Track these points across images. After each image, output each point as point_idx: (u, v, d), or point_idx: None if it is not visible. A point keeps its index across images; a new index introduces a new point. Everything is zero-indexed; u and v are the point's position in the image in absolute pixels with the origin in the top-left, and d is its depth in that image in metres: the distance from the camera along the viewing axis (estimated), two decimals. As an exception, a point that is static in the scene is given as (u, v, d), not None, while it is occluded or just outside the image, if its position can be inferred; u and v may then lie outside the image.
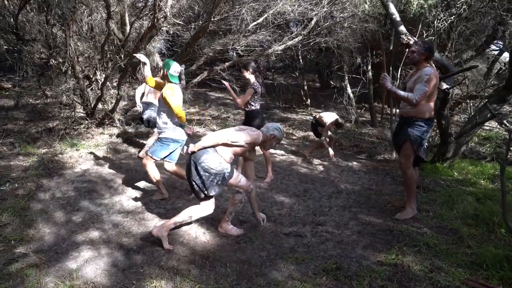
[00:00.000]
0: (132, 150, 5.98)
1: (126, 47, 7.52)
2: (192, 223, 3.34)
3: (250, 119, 4.54)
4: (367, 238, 3.15)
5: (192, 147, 2.86)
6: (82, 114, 7.69)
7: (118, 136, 6.74)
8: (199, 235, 3.13)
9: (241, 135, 2.88)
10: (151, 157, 3.76)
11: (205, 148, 2.82)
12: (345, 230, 3.29)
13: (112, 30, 7.64)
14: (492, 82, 8.55)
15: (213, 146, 2.84)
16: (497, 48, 10.07)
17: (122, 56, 7.39)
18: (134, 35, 8.71)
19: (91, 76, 7.27)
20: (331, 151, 5.82)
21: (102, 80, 6.93)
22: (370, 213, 3.68)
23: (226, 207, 3.49)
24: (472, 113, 7.54)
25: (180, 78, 4.17)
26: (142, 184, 4.40)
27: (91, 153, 5.59)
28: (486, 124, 8.20)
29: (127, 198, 3.93)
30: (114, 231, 3.16)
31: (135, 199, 3.92)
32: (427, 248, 2.90)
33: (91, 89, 7.33)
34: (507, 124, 7.13)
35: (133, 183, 4.41)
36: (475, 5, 7.35)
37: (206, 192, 2.86)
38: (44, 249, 2.85)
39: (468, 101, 8.42)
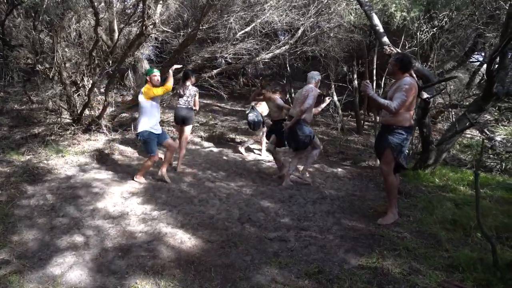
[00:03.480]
0: (118, 156, 5.96)
1: (114, 53, 7.55)
2: (178, 230, 3.37)
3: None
4: (349, 242, 3.22)
5: (288, 124, 4.68)
6: (68, 120, 7.64)
7: (104, 142, 6.71)
8: (185, 241, 3.16)
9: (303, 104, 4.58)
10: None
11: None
12: (328, 235, 3.36)
13: (100, 36, 7.67)
14: (474, 92, 8.84)
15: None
16: (478, 60, 10.42)
17: (110, 62, 7.41)
18: (123, 41, 8.75)
19: (79, 82, 7.25)
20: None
21: (89, 86, 6.93)
22: (353, 218, 3.77)
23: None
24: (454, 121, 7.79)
25: None
26: (127, 190, 4.40)
27: (77, 159, 5.56)
28: (468, 132, 8.46)
29: (112, 204, 3.93)
30: (99, 237, 3.17)
31: (121, 204, 3.93)
32: (407, 252, 2.99)
33: (78, 95, 7.30)
34: (487, 132, 7.37)
35: (119, 189, 4.41)
36: (456, 18, 7.63)
37: (303, 147, 4.75)
38: (27, 256, 2.84)
39: (450, 110, 8.69)
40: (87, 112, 7.51)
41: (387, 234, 3.33)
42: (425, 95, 4.73)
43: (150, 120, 4.49)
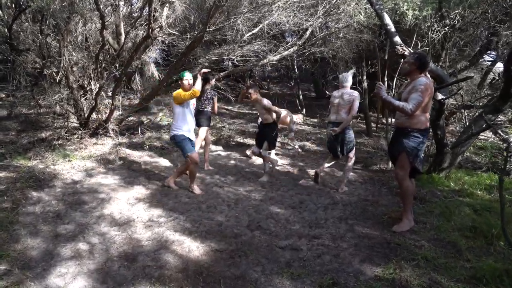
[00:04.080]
0: (125, 161, 5.89)
1: (120, 57, 7.50)
2: (186, 237, 3.26)
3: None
4: (364, 251, 3.08)
5: (337, 130, 4.59)
6: (75, 124, 7.62)
7: (111, 147, 6.65)
8: (193, 249, 3.05)
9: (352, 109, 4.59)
10: None
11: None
12: (341, 243, 3.22)
13: (107, 40, 7.63)
14: (486, 92, 8.61)
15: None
16: (491, 59, 10.17)
17: (117, 65, 7.37)
18: (130, 45, 8.71)
19: (86, 86, 7.22)
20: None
21: (96, 90, 6.89)
22: (367, 225, 3.62)
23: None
24: (467, 123, 7.58)
25: None
26: (133, 195, 4.31)
27: (83, 164, 5.50)
28: (481, 134, 8.22)
29: (119, 210, 3.84)
30: (104, 245, 3.07)
31: (127, 211, 3.83)
32: (425, 262, 2.84)
33: (86, 99, 7.27)
34: (502, 134, 7.15)
35: (125, 194, 4.33)
36: (468, 16, 7.44)
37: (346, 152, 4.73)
38: (30, 266, 2.75)
39: (463, 111, 8.48)
40: (94, 116, 7.48)
41: (403, 243, 3.18)
42: (439, 96, 4.56)
43: (182, 125, 4.38)
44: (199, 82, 4.29)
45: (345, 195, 4.60)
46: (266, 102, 5.06)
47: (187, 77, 4.41)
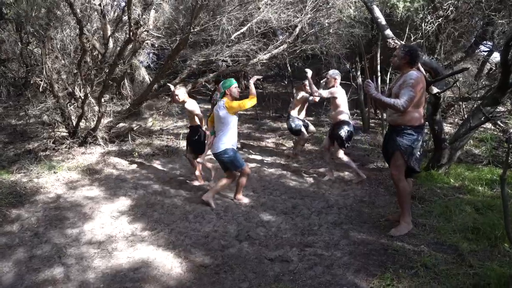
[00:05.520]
0: (113, 170, 5.68)
1: (106, 62, 7.30)
2: (169, 253, 3.06)
3: None
4: (359, 259, 2.88)
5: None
6: (64, 134, 7.42)
7: (99, 155, 6.45)
8: (175, 266, 2.85)
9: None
10: None
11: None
12: (335, 251, 3.02)
13: (92, 45, 7.42)
14: (483, 83, 8.40)
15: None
16: (487, 49, 9.96)
17: (105, 71, 7.16)
18: (119, 49, 8.51)
19: (73, 94, 7.01)
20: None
21: (83, 97, 6.69)
22: (363, 230, 3.42)
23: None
24: (465, 115, 7.37)
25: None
26: (118, 208, 4.11)
27: (69, 176, 5.30)
28: (481, 125, 8.02)
29: (101, 225, 3.64)
30: (81, 266, 2.87)
31: (109, 225, 3.63)
32: (425, 270, 2.63)
33: (76, 107, 7.07)
34: (501, 125, 6.95)
35: (109, 207, 4.12)
36: (462, 6, 7.23)
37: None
38: (-1, 292, 2.55)
39: (461, 103, 8.27)
40: (83, 124, 7.29)
41: (401, 248, 2.97)
42: (435, 90, 4.35)
43: (233, 137, 4.07)
44: (253, 89, 4.09)
45: (340, 197, 4.39)
46: (189, 105, 4.81)
47: (236, 84, 4.11)
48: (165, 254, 3.03)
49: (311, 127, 6.14)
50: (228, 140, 3.99)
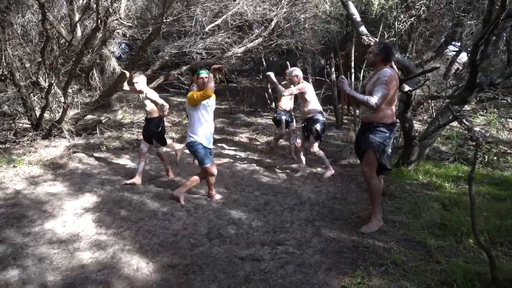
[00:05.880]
0: (78, 165, 5.42)
1: (73, 51, 6.94)
2: (136, 253, 2.93)
3: None
4: (330, 257, 2.86)
5: None
6: (27, 126, 7.01)
7: (64, 149, 6.13)
8: (142, 267, 2.72)
9: None
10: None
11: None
12: (307, 249, 2.99)
13: (58, 32, 7.02)
14: (451, 82, 8.68)
15: None
16: (455, 49, 10.30)
17: (73, 60, 6.79)
18: (86, 38, 8.10)
19: (38, 83, 6.60)
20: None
21: (47, 87, 6.32)
22: (334, 227, 3.41)
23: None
24: (434, 113, 7.59)
25: None
26: (82, 205, 3.90)
27: (30, 170, 5.00)
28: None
29: (62, 223, 3.44)
30: (39, 268, 2.68)
31: (72, 224, 3.44)
32: (395, 267, 2.64)
33: (40, 98, 6.67)
34: (467, 123, 7.20)
35: (73, 204, 3.91)
36: (433, 7, 7.40)
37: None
38: None
39: (430, 101, 8.50)
40: (47, 116, 6.91)
41: (372, 246, 2.98)
42: (406, 88, 4.41)
43: (197, 130, 3.86)
44: (211, 80, 3.71)
45: (312, 193, 4.38)
46: (151, 94, 4.51)
47: (203, 75, 3.84)
48: (130, 255, 2.89)
49: (293, 124, 5.97)
50: (193, 132, 3.86)
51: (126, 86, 4.82)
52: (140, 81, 4.54)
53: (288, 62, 6.59)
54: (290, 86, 5.21)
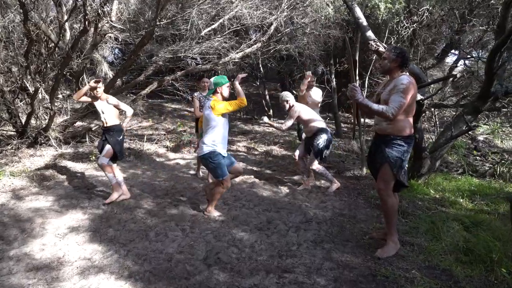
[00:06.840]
0: (65, 176, 5.03)
1: (59, 54, 6.57)
2: (124, 282, 2.56)
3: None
4: (346, 288, 2.52)
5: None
6: (11, 133, 6.62)
7: (51, 159, 5.74)
8: (130, 301, 2.36)
9: None
10: None
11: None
12: (318, 278, 2.65)
13: (46, 34, 6.66)
14: (449, 91, 8.47)
15: None
16: (455, 57, 10.11)
17: (63, 65, 6.43)
18: (73, 41, 7.74)
19: (23, 88, 6.21)
20: None
21: (33, 93, 5.94)
22: (346, 250, 3.08)
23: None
24: (437, 122, 7.35)
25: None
26: (66, 223, 3.52)
27: (11, 182, 4.61)
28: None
29: (41, 246, 3.06)
30: (9, 304, 2.31)
31: (52, 246, 3.06)
32: (420, 302, 2.32)
33: (28, 104, 6.28)
34: (470, 132, 6.98)
35: (56, 223, 3.53)
36: (435, 14, 7.20)
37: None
38: None
39: (433, 110, 8.27)
40: (34, 122, 6.52)
41: (391, 274, 2.65)
42: (418, 97, 4.13)
43: (219, 140, 3.64)
44: (239, 87, 3.60)
45: (318, 209, 4.05)
46: (113, 100, 4.23)
47: (228, 83, 3.68)
48: (118, 284, 2.53)
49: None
50: (210, 142, 3.59)
51: (84, 98, 4.16)
52: (102, 86, 4.13)
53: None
54: (306, 89, 5.31)
